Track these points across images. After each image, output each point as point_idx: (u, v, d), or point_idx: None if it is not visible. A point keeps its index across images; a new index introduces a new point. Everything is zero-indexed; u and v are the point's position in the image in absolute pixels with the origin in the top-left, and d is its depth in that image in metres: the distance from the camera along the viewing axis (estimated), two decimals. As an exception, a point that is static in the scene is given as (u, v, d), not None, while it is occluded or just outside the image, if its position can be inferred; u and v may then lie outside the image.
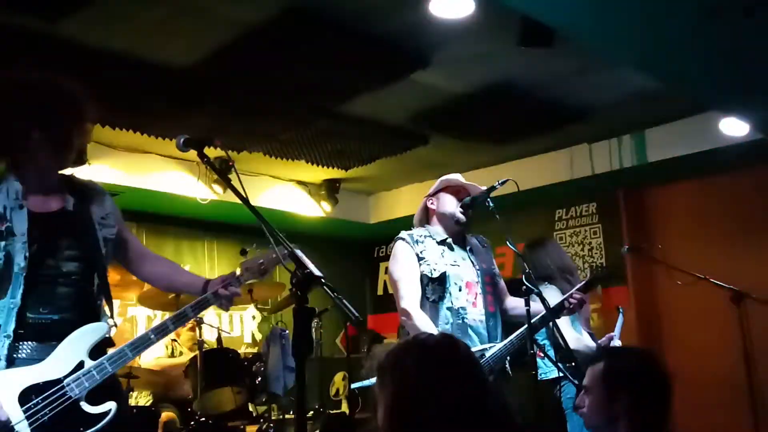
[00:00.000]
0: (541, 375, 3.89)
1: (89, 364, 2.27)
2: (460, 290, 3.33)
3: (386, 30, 4.16)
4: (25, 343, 2.27)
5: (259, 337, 7.52)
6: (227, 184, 2.35)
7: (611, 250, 6.80)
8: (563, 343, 3.21)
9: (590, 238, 6.97)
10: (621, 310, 4.70)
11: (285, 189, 7.18)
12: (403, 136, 6.01)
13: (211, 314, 6.93)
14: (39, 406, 2.19)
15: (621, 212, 6.79)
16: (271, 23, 4.01)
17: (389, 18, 4.04)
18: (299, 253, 2.28)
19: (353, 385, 4.31)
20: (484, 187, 3.50)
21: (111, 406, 2.25)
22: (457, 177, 3.63)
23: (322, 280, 2.07)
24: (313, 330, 6.03)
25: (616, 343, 4.40)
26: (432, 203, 3.58)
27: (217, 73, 4.61)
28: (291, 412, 5.89)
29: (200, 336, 5.05)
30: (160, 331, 2.38)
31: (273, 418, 5.64)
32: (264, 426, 5.43)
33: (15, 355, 2.25)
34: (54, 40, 4.09)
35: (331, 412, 6.36)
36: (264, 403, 5.68)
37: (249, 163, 6.28)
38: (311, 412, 5.78)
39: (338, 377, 7.24)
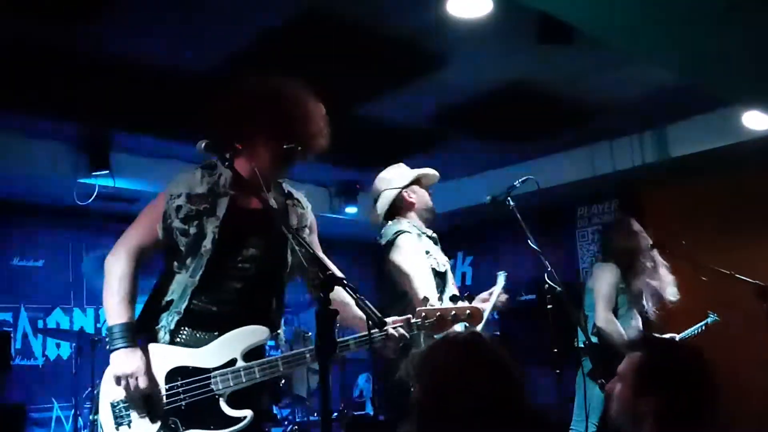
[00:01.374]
0: None
1: (240, 364, 2.25)
2: (452, 284, 3.32)
3: (404, 31, 4.16)
4: (184, 328, 2.30)
5: (281, 339, 7.54)
6: (248, 186, 2.37)
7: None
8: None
9: (612, 235, 6.91)
10: (712, 317, 4.51)
11: (305, 191, 7.19)
12: (422, 136, 6.00)
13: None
14: (180, 389, 2.21)
15: (643, 209, 6.72)
16: (290, 26, 4.03)
17: (407, 19, 4.03)
18: (321, 255, 2.28)
19: None
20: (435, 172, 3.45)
21: (247, 414, 2.21)
22: (431, 171, 3.48)
23: (344, 282, 2.07)
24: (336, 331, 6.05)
25: None
26: (410, 196, 3.38)
27: (236, 78, 4.62)
28: (315, 414, 5.91)
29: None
30: (314, 353, 2.28)
31: (297, 420, 5.66)
32: (289, 428, 5.46)
33: (176, 336, 2.29)
34: (75, 48, 4.15)
35: (355, 413, 6.37)
36: (288, 405, 5.71)
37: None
38: (335, 414, 5.80)
39: (361, 379, 7.26)
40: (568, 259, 7.20)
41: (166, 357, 2.25)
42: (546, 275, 3.21)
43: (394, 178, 3.41)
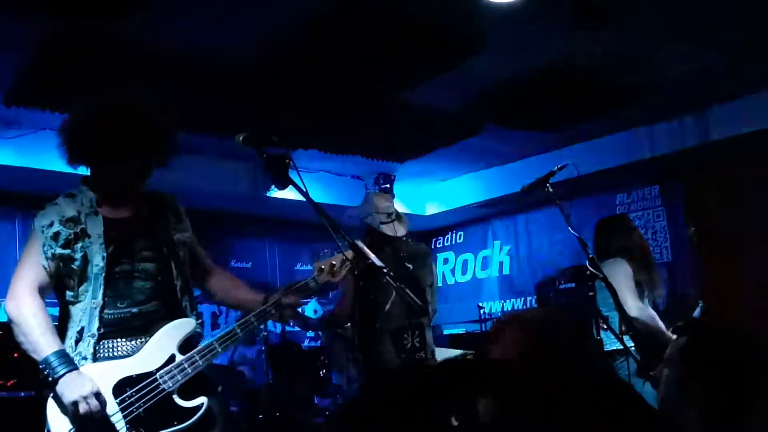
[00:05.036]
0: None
1: (180, 357, 2.32)
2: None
3: (439, 17, 4.12)
4: (108, 341, 2.33)
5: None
6: (288, 180, 2.39)
7: (675, 234, 6.62)
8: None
9: (653, 221, 6.79)
10: (701, 303, 4.63)
11: (341, 184, 7.22)
12: (457, 124, 5.96)
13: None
14: (133, 399, 2.25)
15: (685, 194, 6.60)
16: (325, 16, 4.02)
17: (442, 4, 4.00)
18: (360, 244, 2.30)
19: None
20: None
21: (202, 400, 2.30)
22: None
23: (384, 270, 2.08)
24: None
25: None
26: None
27: (272, 70, 4.65)
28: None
29: (265, 330, 5.14)
30: (245, 327, 2.42)
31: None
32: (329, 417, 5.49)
33: (99, 354, 2.31)
34: (114, 41, 4.18)
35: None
36: (329, 395, 5.75)
37: (303, 159, 6.33)
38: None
39: (400, 369, 7.26)
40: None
41: (105, 374, 2.26)
42: (587, 262, 3.17)
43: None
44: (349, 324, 4.22)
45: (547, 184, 3.37)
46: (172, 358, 2.31)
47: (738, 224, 6.10)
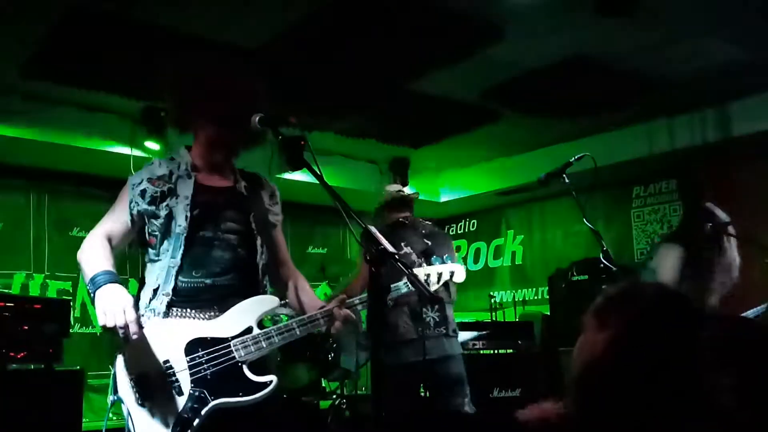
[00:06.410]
0: None
1: (257, 331, 2.29)
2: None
3: (459, 3, 4.07)
4: (178, 308, 2.30)
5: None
6: (302, 162, 2.35)
7: (692, 229, 6.55)
8: None
9: (670, 215, 6.73)
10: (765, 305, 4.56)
11: (355, 167, 7.20)
12: (473, 112, 5.92)
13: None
14: (203, 359, 2.23)
15: (703, 189, 6.52)
16: (341, 1, 3.99)
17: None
18: (373, 229, 2.27)
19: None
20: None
21: (273, 378, 2.25)
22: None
23: (396, 257, 2.05)
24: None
25: None
26: None
27: (287, 53, 4.62)
28: (363, 388, 5.96)
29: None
30: (327, 315, 2.35)
31: (346, 393, 5.71)
32: (337, 401, 5.51)
33: (170, 317, 2.29)
34: (129, 23, 4.19)
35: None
36: (336, 379, 5.76)
37: (318, 142, 6.31)
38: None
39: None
40: (623, 240, 7.04)
41: (180, 330, 2.25)
42: (601, 255, 3.12)
43: None
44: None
45: (564, 175, 3.33)
46: (248, 330, 2.28)
47: (757, 222, 6.01)
